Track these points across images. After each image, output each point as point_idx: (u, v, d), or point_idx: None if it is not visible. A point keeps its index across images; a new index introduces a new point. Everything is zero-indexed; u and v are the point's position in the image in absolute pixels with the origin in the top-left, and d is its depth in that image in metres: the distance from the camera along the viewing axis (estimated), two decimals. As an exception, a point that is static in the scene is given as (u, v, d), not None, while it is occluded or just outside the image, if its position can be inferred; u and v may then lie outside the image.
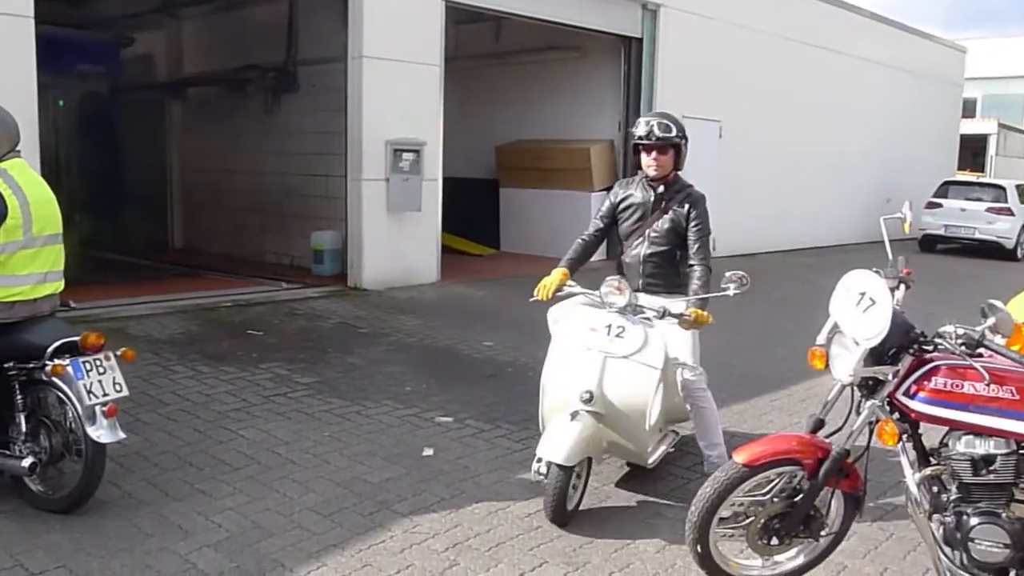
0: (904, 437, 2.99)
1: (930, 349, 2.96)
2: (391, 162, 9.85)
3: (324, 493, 4.20)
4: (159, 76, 13.89)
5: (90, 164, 13.14)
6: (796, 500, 3.17)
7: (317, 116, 11.03)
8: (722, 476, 3.16)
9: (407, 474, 4.49)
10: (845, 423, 3.13)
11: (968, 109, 26.77)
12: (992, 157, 27.08)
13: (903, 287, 3.33)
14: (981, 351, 2.91)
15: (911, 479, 3.05)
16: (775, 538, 3.22)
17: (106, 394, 3.79)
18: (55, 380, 3.75)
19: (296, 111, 11.58)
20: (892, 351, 2.97)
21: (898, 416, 3.00)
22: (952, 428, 2.98)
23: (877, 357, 2.97)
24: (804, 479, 3.15)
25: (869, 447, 3.15)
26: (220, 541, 3.66)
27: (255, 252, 12.10)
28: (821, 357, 3.15)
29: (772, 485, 3.19)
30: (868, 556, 3.81)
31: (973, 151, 26.00)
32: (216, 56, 12.90)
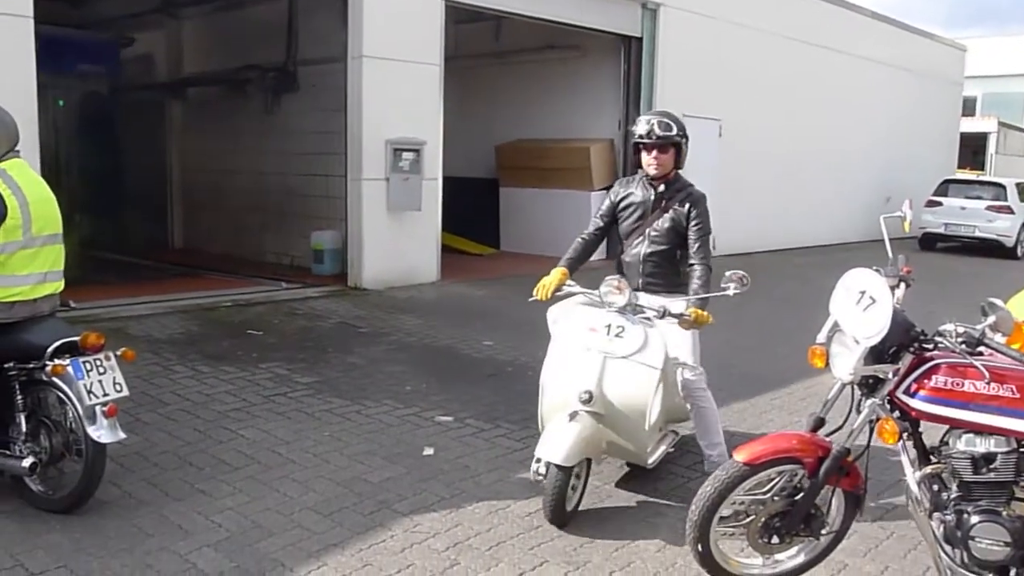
0: (904, 435, 2.99)
1: (930, 347, 2.95)
2: (391, 162, 9.85)
3: (324, 492, 4.20)
4: (159, 76, 13.89)
5: (90, 164, 13.15)
6: (797, 499, 3.17)
7: (317, 116, 11.03)
8: (722, 475, 3.16)
9: (407, 473, 4.49)
10: (845, 422, 3.13)
11: (968, 107, 26.78)
12: (992, 155, 27.08)
13: (903, 285, 3.33)
14: (981, 349, 2.91)
15: (911, 477, 3.05)
16: (776, 537, 3.22)
17: (106, 394, 3.79)
18: (55, 380, 3.75)
19: (296, 111, 11.58)
20: (892, 349, 2.96)
21: (898, 414, 3.00)
22: (952, 426, 2.97)
23: (877, 356, 2.96)
24: (805, 478, 3.15)
25: (869, 446, 3.15)
26: (220, 541, 3.66)
27: (255, 252, 12.10)
28: (821, 356, 3.15)
29: (773, 484, 3.19)
30: (869, 555, 3.81)
31: (973, 149, 25.99)
32: (216, 56, 12.91)
